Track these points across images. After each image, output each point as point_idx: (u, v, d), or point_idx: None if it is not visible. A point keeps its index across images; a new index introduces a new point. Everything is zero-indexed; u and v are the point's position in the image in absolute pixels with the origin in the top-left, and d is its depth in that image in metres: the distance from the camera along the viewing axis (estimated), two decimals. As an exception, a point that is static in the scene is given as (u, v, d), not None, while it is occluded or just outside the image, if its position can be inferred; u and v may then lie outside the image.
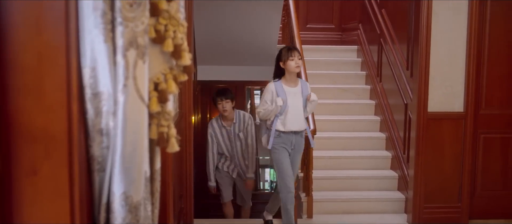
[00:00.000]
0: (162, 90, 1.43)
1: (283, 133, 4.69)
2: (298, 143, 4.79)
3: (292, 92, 4.67)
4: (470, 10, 5.17)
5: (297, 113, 4.69)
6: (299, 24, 7.63)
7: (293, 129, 4.68)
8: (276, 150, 4.73)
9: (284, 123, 4.68)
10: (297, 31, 6.31)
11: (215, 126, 5.85)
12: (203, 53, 7.25)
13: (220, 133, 5.84)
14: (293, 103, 4.67)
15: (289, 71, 4.64)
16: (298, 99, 4.70)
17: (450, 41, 5.20)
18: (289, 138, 4.71)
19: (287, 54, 4.62)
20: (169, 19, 1.40)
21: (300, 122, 4.72)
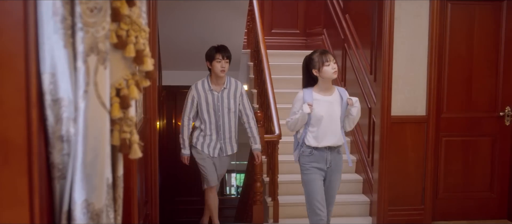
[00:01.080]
0: (124, 96, 1.41)
1: (316, 149, 4.09)
2: (335, 160, 4.16)
3: (327, 101, 4.08)
4: (431, 15, 5.26)
5: (333, 125, 4.09)
6: (264, 29, 7.65)
7: (328, 143, 4.09)
8: (307, 170, 4.13)
9: (317, 137, 4.08)
10: (262, 36, 6.33)
11: (200, 88, 5.04)
12: (168, 58, 7.21)
13: (204, 98, 5.01)
14: (329, 113, 4.06)
15: (325, 78, 4.06)
16: (335, 109, 4.10)
17: (412, 46, 5.29)
18: (324, 155, 4.10)
19: (322, 59, 4.02)
20: (131, 24, 1.40)
21: (337, 136, 4.11)
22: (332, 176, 4.18)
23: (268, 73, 5.78)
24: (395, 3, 5.21)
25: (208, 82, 5.03)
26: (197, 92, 5.02)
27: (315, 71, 4.05)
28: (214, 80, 5.01)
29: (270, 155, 5.48)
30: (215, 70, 4.93)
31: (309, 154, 4.11)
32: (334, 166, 4.16)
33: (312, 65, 4.07)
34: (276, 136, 5.10)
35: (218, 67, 4.91)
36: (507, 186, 5.67)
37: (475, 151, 5.60)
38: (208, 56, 5.02)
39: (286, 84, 6.91)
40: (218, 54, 4.92)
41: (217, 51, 4.95)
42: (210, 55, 4.99)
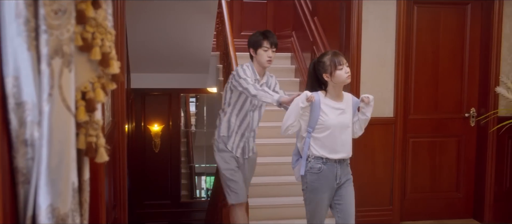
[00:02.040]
0: (90, 99, 1.40)
1: (326, 163, 3.61)
2: (345, 174, 3.69)
3: (339, 109, 3.63)
4: (397, 17, 5.34)
5: (345, 135, 3.64)
6: (233, 31, 7.65)
7: (340, 156, 3.63)
8: (315, 189, 3.64)
9: (327, 148, 3.60)
10: (231, 39, 6.33)
11: (248, 72, 4.19)
12: (137, 61, 7.15)
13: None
14: (340, 122, 3.61)
15: (338, 84, 3.60)
16: (346, 117, 3.66)
17: (379, 49, 5.35)
18: (334, 170, 3.63)
19: (334, 62, 3.54)
20: (97, 27, 1.38)
21: (347, 147, 3.67)
22: (344, 190, 3.69)
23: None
24: (363, 5, 5.27)
25: (254, 71, 4.28)
26: (245, 74, 4.18)
27: (326, 76, 3.58)
28: (257, 70, 4.30)
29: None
30: (261, 60, 4.23)
31: (318, 171, 3.61)
32: (344, 181, 3.69)
33: (322, 69, 3.58)
34: (245, 138, 5.08)
35: (263, 58, 4.21)
36: (473, 185, 5.77)
37: (442, 151, 5.70)
38: (253, 43, 4.28)
39: (256, 87, 6.91)
40: (264, 41, 4.21)
41: (263, 37, 4.23)
42: (256, 41, 4.25)
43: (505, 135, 5.56)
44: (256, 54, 4.25)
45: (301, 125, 3.64)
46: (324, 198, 3.64)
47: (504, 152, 5.66)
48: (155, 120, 9.94)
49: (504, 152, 5.66)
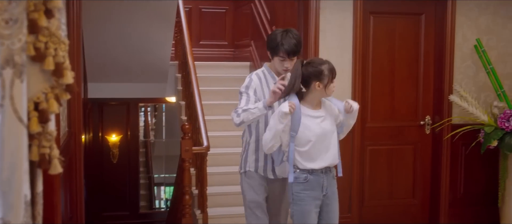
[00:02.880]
0: (43, 110, 1.37)
1: (311, 173, 3.51)
2: (330, 186, 3.61)
3: (318, 117, 3.54)
4: (354, 27, 5.42)
5: (329, 141, 3.55)
6: (192, 40, 7.63)
7: (325, 163, 3.53)
8: (301, 200, 3.53)
9: (311, 157, 3.50)
10: (190, 48, 6.32)
11: (262, 76, 3.81)
12: (94, 70, 7.06)
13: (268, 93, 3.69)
14: (322, 130, 3.51)
15: (325, 95, 3.55)
16: (328, 123, 3.57)
17: (337, 58, 5.41)
18: (320, 180, 3.54)
19: (333, 73, 3.49)
20: (50, 36, 1.36)
21: (333, 152, 3.57)
22: (329, 206, 3.61)
23: (196, 85, 5.76)
24: (320, 15, 5.34)
25: (270, 73, 3.84)
26: (259, 80, 3.78)
27: (318, 85, 3.45)
28: (276, 72, 3.81)
29: (198, 167, 5.45)
30: (277, 68, 3.77)
31: (304, 181, 3.50)
32: (330, 194, 3.60)
33: (316, 77, 3.44)
34: (204, 148, 5.08)
35: (281, 67, 3.72)
36: (429, 192, 5.88)
37: (399, 158, 5.79)
38: (270, 47, 3.75)
39: (215, 96, 6.90)
40: (282, 52, 3.66)
41: (282, 42, 3.65)
42: (273, 47, 3.71)
43: (458, 142, 5.68)
44: (272, 60, 3.78)
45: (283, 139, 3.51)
46: (312, 211, 3.51)
47: (458, 159, 5.79)
48: (113, 130, 9.83)
49: (458, 159, 5.79)
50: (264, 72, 3.85)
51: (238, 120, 3.66)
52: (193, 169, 5.60)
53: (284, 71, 3.70)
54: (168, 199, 13.66)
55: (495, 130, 5.30)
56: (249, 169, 3.86)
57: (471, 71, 5.75)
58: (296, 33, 3.72)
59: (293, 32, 3.71)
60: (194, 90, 5.71)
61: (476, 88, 5.76)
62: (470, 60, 5.72)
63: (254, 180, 3.86)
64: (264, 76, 3.81)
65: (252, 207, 3.86)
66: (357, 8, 5.42)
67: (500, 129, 5.26)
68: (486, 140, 5.33)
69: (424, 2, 5.72)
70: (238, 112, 3.66)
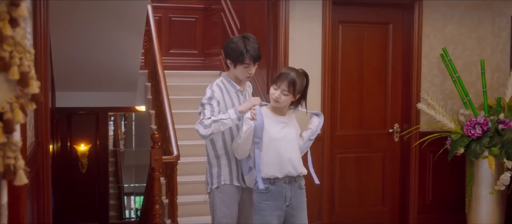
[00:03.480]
0: (7, 120, 1.36)
1: (273, 183, 3.47)
2: (296, 197, 3.55)
3: (281, 122, 3.56)
4: (323, 36, 5.46)
5: (290, 150, 3.52)
6: (162, 49, 7.60)
7: (285, 171, 3.48)
8: (261, 210, 3.49)
9: (272, 164, 3.46)
10: (159, 57, 6.29)
11: (223, 86, 3.72)
12: (63, 79, 6.98)
13: (237, 102, 3.72)
14: (283, 136, 3.51)
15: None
16: (290, 131, 3.57)
17: (306, 66, 5.38)
18: (282, 191, 3.49)
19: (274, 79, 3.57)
20: (15, 45, 1.35)
21: (295, 162, 3.52)
22: (295, 216, 3.56)
23: (165, 94, 5.74)
24: (290, 24, 5.37)
25: (230, 82, 3.75)
26: (221, 91, 3.69)
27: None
28: (236, 80, 3.76)
29: (168, 176, 5.42)
30: (240, 76, 3.71)
31: (265, 191, 3.45)
32: (295, 204, 3.54)
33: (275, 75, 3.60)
34: (174, 157, 5.05)
35: (245, 74, 3.68)
36: (398, 199, 5.94)
37: (368, 166, 5.85)
38: (233, 56, 3.64)
39: (185, 105, 6.88)
40: (247, 58, 3.60)
41: (247, 54, 3.60)
42: (236, 56, 3.61)
43: (426, 149, 5.77)
44: (235, 68, 3.67)
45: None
46: (272, 222, 3.46)
47: (426, 166, 5.87)
48: (82, 140, 9.73)
49: (426, 166, 5.87)
50: (224, 82, 3.75)
51: (207, 131, 3.54)
52: (163, 178, 5.57)
53: (247, 79, 3.76)
54: (138, 209, 13.55)
55: (461, 137, 5.39)
56: (224, 183, 3.74)
57: (438, 80, 5.84)
58: (255, 38, 3.70)
59: (252, 37, 3.68)
60: (164, 99, 5.69)
61: (443, 96, 5.86)
62: (437, 69, 5.82)
63: (228, 195, 3.75)
64: (224, 86, 3.72)
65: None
66: (326, 17, 5.47)
67: (466, 136, 5.35)
68: (453, 147, 5.42)
69: (391, 11, 5.81)
70: (205, 123, 3.55)
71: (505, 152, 5.20)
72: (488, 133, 5.28)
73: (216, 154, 3.77)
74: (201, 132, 3.57)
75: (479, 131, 5.26)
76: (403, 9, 5.81)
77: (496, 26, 5.93)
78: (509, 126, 5.25)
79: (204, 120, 3.56)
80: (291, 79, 3.46)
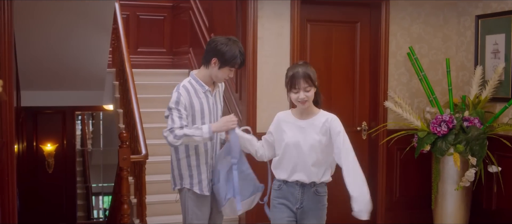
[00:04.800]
0: (-30, 120, 1.33)
1: (285, 183, 3.48)
2: (309, 201, 3.48)
3: (299, 127, 3.45)
4: (292, 34, 5.48)
5: (304, 156, 3.41)
6: (130, 47, 7.55)
7: (295, 177, 3.44)
8: (274, 207, 3.52)
9: (285, 168, 3.46)
10: (127, 55, 6.24)
11: (190, 87, 3.62)
12: (28, 78, 6.86)
13: (199, 105, 3.63)
14: (297, 141, 3.42)
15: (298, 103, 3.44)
16: (308, 137, 3.42)
17: (275, 65, 5.47)
18: (294, 192, 3.47)
19: (289, 84, 3.41)
20: (-23, 44, 1.32)
21: (308, 170, 3.44)
22: (304, 220, 3.49)
23: (133, 93, 5.69)
24: (258, 23, 5.38)
25: (198, 82, 3.64)
26: (188, 94, 3.59)
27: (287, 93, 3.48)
28: (206, 81, 3.67)
29: (137, 175, 5.38)
30: (219, 77, 3.64)
31: (277, 188, 3.51)
32: (307, 209, 3.48)
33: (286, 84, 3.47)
34: (142, 156, 5.02)
35: (225, 76, 3.65)
36: (366, 196, 6.00)
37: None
38: (224, 57, 3.56)
39: (153, 104, 6.84)
40: (237, 64, 3.61)
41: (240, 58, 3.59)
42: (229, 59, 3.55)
43: (394, 147, 5.84)
44: (219, 69, 3.58)
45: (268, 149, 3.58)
46: (283, 218, 3.47)
47: (394, 163, 5.95)
48: (48, 139, 9.60)
49: (394, 163, 5.95)
50: (191, 82, 3.64)
51: (175, 141, 3.50)
52: (131, 178, 5.53)
53: (224, 81, 3.74)
54: (107, 209, 13.43)
55: (427, 135, 5.47)
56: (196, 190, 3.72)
57: (405, 78, 5.92)
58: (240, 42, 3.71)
59: (239, 42, 3.68)
60: (132, 98, 5.64)
61: (410, 94, 5.94)
62: (404, 67, 5.90)
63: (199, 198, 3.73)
64: (192, 87, 3.62)
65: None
66: (295, 16, 5.49)
67: (433, 134, 5.44)
68: (420, 144, 5.49)
69: (359, 10, 5.86)
70: (176, 133, 3.49)
71: (469, 149, 5.30)
72: (453, 131, 5.37)
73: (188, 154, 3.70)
74: (170, 140, 3.53)
75: (445, 128, 5.35)
76: (370, 8, 5.87)
77: (461, 26, 6.04)
78: (474, 124, 5.36)
79: (176, 130, 3.50)
80: (304, 74, 3.39)
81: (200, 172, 3.71)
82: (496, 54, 5.60)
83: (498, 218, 5.62)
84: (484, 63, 5.72)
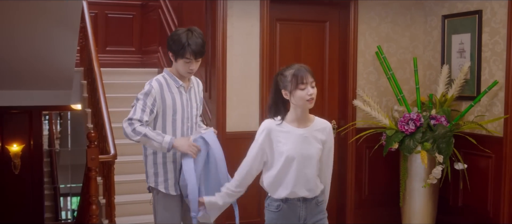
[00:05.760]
0: None
1: (286, 202, 3.07)
2: (312, 214, 3.14)
3: (300, 136, 3.06)
4: (261, 34, 5.49)
5: (307, 169, 3.06)
6: (98, 46, 7.47)
7: (300, 194, 3.07)
8: None
9: (285, 184, 3.05)
10: (95, 54, 6.17)
11: (163, 81, 3.51)
12: (-7, 77, 6.73)
13: (171, 99, 3.52)
14: (301, 152, 3.04)
15: (299, 105, 3.06)
16: (311, 147, 3.07)
17: (244, 64, 5.47)
18: (296, 210, 3.09)
19: (297, 77, 3.02)
20: None
21: (312, 184, 3.09)
22: None
23: (102, 92, 5.63)
24: (228, 22, 5.37)
25: (172, 77, 3.55)
26: (161, 88, 3.47)
27: (286, 93, 3.05)
28: (179, 76, 3.56)
29: (105, 175, 5.33)
30: (180, 70, 3.50)
31: (276, 209, 3.09)
32: (311, 222, 3.14)
33: (283, 84, 3.06)
34: (111, 156, 4.97)
35: (186, 69, 3.47)
36: (335, 194, 6.03)
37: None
38: (174, 49, 3.46)
39: (122, 103, 6.77)
40: (188, 53, 3.40)
41: (188, 48, 3.39)
42: (177, 50, 3.42)
43: (363, 145, 5.89)
44: (176, 62, 3.49)
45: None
46: None
47: (363, 161, 6.01)
48: (14, 139, 9.44)
49: (363, 161, 6.01)
50: (165, 77, 3.54)
51: (134, 136, 3.40)
52: (100, 178, 5.48)
53: (188, 75, 3.53)
54: (75, 210, 13.26)
55: (395, 133, 5.53)
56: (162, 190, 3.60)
57: (373, 77, 5.98)
58: (200, 32, 3.49)
59: (197, 31, 3.47)
60: (101, 97, 5.58)
61: (378, 93, 6.00)
62: (372, 66, 5.96)
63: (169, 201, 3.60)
64: (165, 82, 3.51)
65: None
66: (264, 15, 5.50)
67: (400, 132, 5.50)
68: (388, 142, 5.56)
69: (328, 10, 5.90)
70: (136, 128, 3.39)
71: (436, 147, 5.38)
72: (420, 129, 5.44)
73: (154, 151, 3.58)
74: (127, 132, 3.43)
75: (412, 126, 5.42)
76: (339, 7, 5.91)
77: (428, 25, 6.12)
78: (440, 122, 5.44)
79: (136, 123, 3.40)
80: (308, 68, 3.08)
81: (167, 171, 3.59)
82: (462, 54, 5.70)
83: (464, 214, 5.72)
84: (450, 62, 5.82)
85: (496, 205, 5.37)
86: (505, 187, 5.26)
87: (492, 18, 5.37)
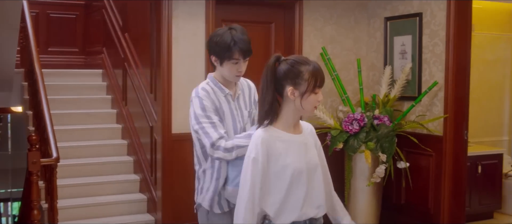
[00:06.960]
0: None
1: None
2: None
3: (301, 143, 2.52)
4: (207, 34, 5.48)
5: (315, 181, 2.53)
6: (40, 47, 7.29)
7: (311, 214, 2.51)
8: None
9: (294, 206, 2.45)
10: (37, 55, 6.01)
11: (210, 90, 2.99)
12: None
13: (228, 108, 3.01)
14: (306, 162, 2.50)
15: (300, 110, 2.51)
16: (311, 154, 2.55)
17: (190, 65, 5.45)
18: None
19: (317, 79, 2.47)
20: None
21: (321, 197, 2.55)
22: None
23: (43, 94, 5.49)
24: (173, 23, 5.33)
25: (217, 85, 3.03)
26: (208, 98, 2.95)
27: (291, 92, 2.46)
28: (225, 82, 3.06)
29: (48, 179, 5.20)
30: (227, 75, 3.02)
31: None
32: None
33: (293, 80, 2.45)
34: (53, 159, 4.85)
35: (234, 72, 2.99)
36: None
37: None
38: (218, 51, 2.96)
39: (65, 105, 6.65)
40: (237, 53, 2.94)
41: (235, 47, 2.92)
42: (222, 52, 2.94)
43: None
44: (221, 66, 2.99)
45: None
46: None
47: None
48: (-49, 143, 9.09)
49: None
50: (210, 85, 3.02)
51: (230, 156, 2.83)
52: (41, 182, 5.35)
53: (236, 78, 3.04)
54: (16, 215, 12.91)
55: (340, 133, 5.62)
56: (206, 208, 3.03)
57: (318, 78, 6.05)
58: (243, 29, 3.01)
59: (240, 28, 3.00)
60: (42, 99, 5.44)
61: (323, 93, 5.98)
62: (317, 67, 6.03)
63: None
64: (212, 90, 2.99)
65: None
66: (210, 16, 5.49)
67: (345, 132, 5.59)
68: (333, 142, 5.63)
69: (273, 11, 5.94)
70: (224, 146, 2.82)
71: (380, 146, 5.49)
72: (364, 129, 5.54)
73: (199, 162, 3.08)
74: (222, 157, 2.84)
75: (357, 126, 5.52)
76: (284, 9, 5.96)
77: (371, 27, 6.25)
78: (383, 121, 5.55)
79: (223, 145, 2.82)
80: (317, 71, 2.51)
81: (205, 180, 3.04)
82: (404, 55, 5.84)
83: (407, 211, 5.87)
84: (393, 63, 5.95)
85: (436, 202, 5.53)
86: (445, 184, 5.43)
87: (432, 21, 5.53)
